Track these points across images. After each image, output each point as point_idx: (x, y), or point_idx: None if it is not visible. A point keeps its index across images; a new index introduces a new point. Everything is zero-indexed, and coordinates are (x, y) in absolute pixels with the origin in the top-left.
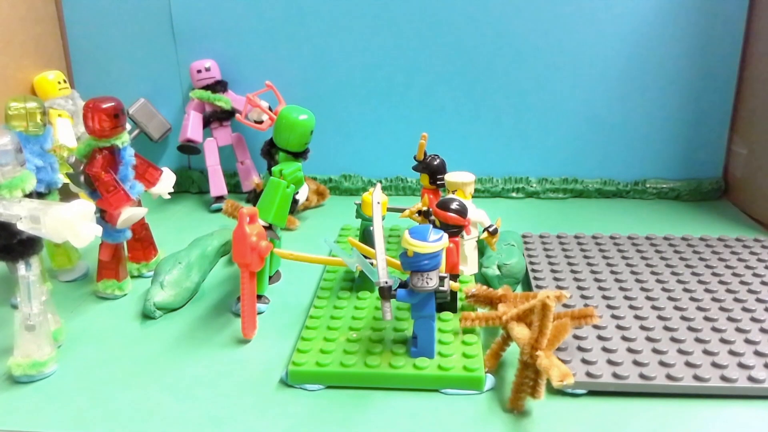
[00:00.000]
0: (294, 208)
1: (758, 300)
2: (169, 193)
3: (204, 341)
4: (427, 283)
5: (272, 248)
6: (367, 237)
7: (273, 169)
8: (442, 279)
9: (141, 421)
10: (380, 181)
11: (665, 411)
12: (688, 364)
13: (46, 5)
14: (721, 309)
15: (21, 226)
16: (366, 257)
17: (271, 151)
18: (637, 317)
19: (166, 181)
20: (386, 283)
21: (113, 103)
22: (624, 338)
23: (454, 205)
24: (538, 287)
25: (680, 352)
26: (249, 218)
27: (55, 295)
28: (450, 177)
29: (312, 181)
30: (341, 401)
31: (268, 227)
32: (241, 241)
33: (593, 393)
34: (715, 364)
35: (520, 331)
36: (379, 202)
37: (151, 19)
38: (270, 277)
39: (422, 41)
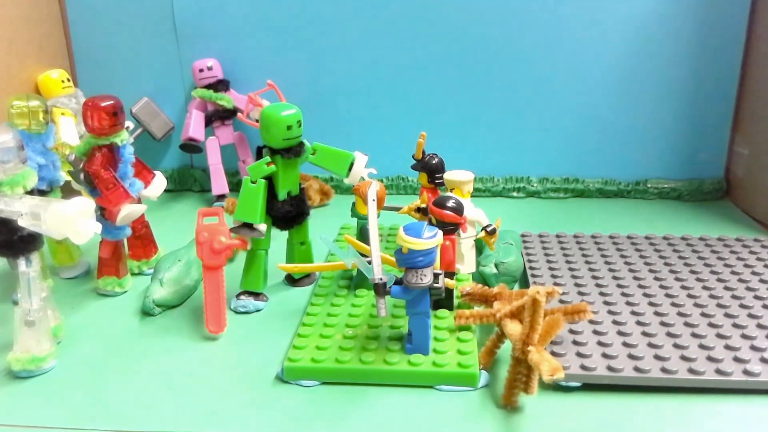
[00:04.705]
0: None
1: (756, 297)
2: (169, 192)
3: (202, 338)
4: (422, 279)
5: (235, 245)
6: (364, 235)
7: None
8: (436, 276)
9: (139, 416)
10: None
11: (660, 405)
12: (684, 358)
13: (49, 5)
14: (718, 306)
15: (22, 222)
16: (363, 255)
17: (262, 151)
18: (633, 313)
19: (157, 185)
20: (381, 279)
21: (112, 102)
22: (620, 333)
23: (449, 203)
24: (536, 285)
25: (676, 346)
26: (203, 216)
27: (56, 292)
28: (448, 175)
29: (316, 180)
30: (336, 397)
31: (247, 225)
32: (196, 237)
33: (587, 388)
34: (710, 358)
35: (513, 328)
36: (374, 200)
37: (154, 19)
38: (302, 278)
39: (423, 41)
